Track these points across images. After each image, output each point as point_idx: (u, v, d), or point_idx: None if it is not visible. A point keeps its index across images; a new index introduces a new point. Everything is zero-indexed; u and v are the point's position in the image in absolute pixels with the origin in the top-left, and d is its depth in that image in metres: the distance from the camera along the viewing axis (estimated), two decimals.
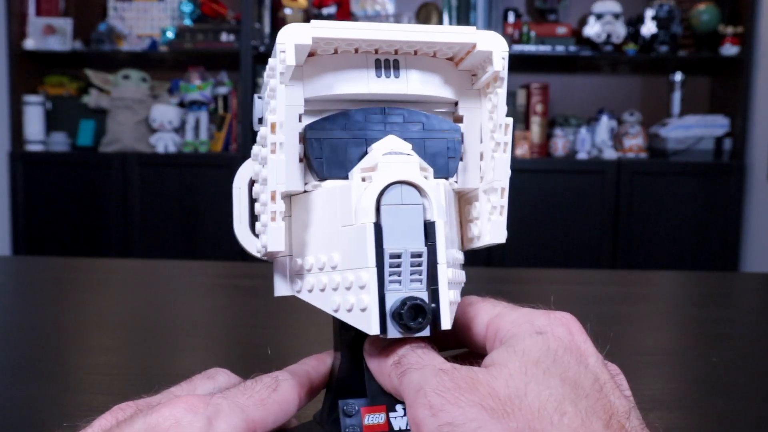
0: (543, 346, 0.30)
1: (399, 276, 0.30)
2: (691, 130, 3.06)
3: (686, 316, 0.88)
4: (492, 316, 0.33)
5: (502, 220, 0.34)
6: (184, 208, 3.06)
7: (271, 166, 0.31)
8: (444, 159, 0.34)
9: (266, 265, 0.36)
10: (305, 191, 0.33)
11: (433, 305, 0.30)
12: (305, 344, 0.67)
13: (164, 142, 3.13)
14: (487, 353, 0.31)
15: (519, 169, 2.98)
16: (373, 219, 0.30)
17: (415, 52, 0.33)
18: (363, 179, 0.31)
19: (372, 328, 0.29)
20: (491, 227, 0.34)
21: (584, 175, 3.01)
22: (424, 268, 0.30)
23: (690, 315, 0.89)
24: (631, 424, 0.28)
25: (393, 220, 0.30)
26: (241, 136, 3.10)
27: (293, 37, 0.30)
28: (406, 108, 0.33)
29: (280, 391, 0.33)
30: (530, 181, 2.95)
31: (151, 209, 3.08)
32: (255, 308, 0.84)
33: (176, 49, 3.14)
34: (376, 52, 0.33)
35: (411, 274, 0.30)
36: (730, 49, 2.99)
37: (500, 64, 0.32)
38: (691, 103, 3.22)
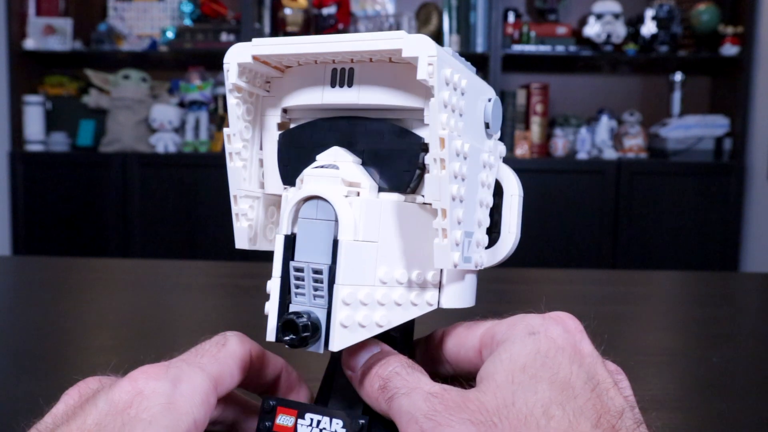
0: (532, 349, 0.29)
1: (303, 290, 0.30)
2: (691, 130, 3.06)
3: (686, 316, 0.88)
4: (484, 328, 0.33)
5: (444, 244, 0.30)
6: (184, 208, 3.06)
7: (229, 173, 0.34)
8: (397, 171, 0.32)
9: (266, 265, 0.36)
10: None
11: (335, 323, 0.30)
12: None
13: (164, 142, 3.13)
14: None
15: (519, 169, 2.93)
16: (287, 231, 0.31)
17: (371, 60, 0.32)
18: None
19: (267, 335, 0.30)
20: (435, 252, 0.31)
21: (584, 175, 3.01)
22: (324, 285, 0.30)
23: (690, 315, 0.89)
24: (623, 424, 0.28)
25: (305, 234, 0.31)
26: None
27: (235, 57, 0.33)
28: (370, 118, 0.32)
29: (230, 345, 0.33)
30: (530, 181, 2.94)
31: (151, 209, 3.08)
32: (255, 308, 0.84)
33: (176, 49, 3.14)
34: (334, 62, 0.33)
35: (314, 290, 0.30)
36: (730, 49, 2.99)
37: (424, 71, 0.29)
38: (691, 103, 3.22)
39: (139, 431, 0.28)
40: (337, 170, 0.31)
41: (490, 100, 0.34)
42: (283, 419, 0.33)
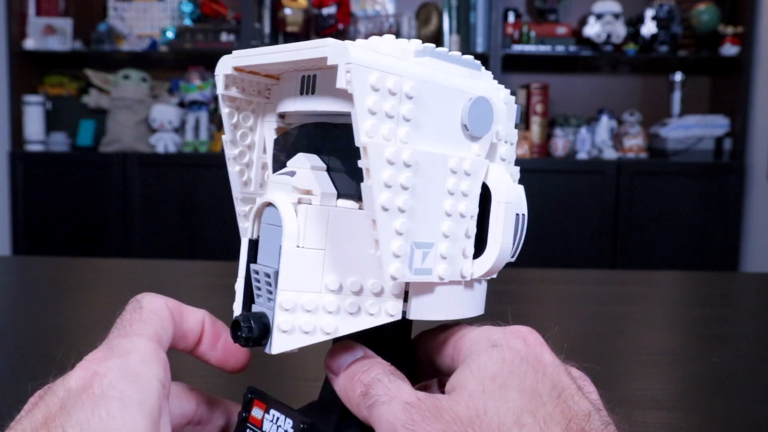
0: (498, 359, 0.30)
1: (261, 292, 0.32)
2: (691, 130, 3.06)
3: (686, 316, 0.88)
4: (456, 338, 0.33)
5: (377, 255, 0.30)
6: (184, 208, 3.06)
7: (230, 176, 0.36)
8: (350, 178, 0.32)
9: None
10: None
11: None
12: None
13: (164, 142, 3.13)
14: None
15: (519, 169, 2.97)
16: (251, 235, 0.33)
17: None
18: None
19: (230, 334, 0.32)
20: (376, 262, 0.30)
21: (584, 175, 3.01)
22: (273, 288, 0.31)
23: (690, 315, 0.89)
24: (591, 426, 0.28)
25: (265, 238, 0.32)
26: None
27: (221, 69, 0.34)
28: (335, 124, 0.33)
29: (146, 304, 0.34)
30: (530, 181, 2.94)
31: (151, 209, 3.08)
32: None
33: (176, 49, 3.14)
34: (305, 70, 0.33)
35: (268, 293, 0.31)
36: (730, 49, 2.99)
37: (342, 79, 0.28)
38: (691, 103, 3.22)
39: (115, 409, 0.28)
40: (290, 177, 0.32)
41: (471, 100, 0.32)
42: (256, 411, 0.34)
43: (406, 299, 0.32)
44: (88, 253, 3.06)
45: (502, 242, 0.32)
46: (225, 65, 0.34)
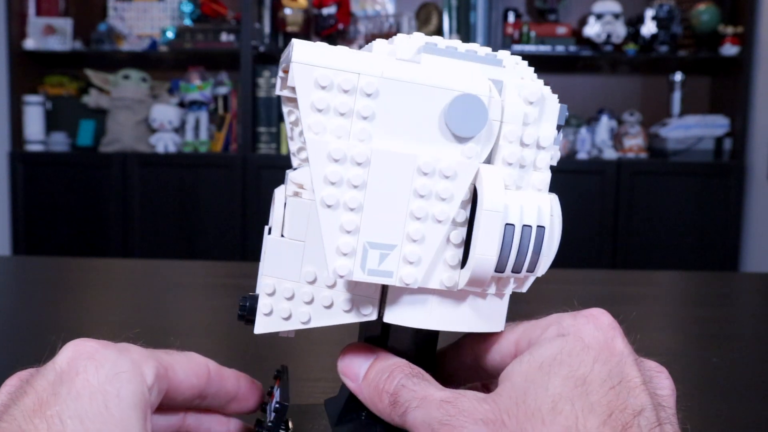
0: (556, 350, 0.29)
1: None
2: (691, 130, 3.06)
3: (686, 316, 0.88)
4: (519, 333, 0.32)
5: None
6: (184, 208, 3.06)
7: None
8: None
9: None
10: None
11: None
12: (305, 343, 0.67)
13: (164, 142, 3.13)
14: None
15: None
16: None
17: None
18: None
19: None
20: None
21: (584, 175, 3.01)
22: None
23: (690, 315, 0.89)
24: (638, 422, 0.27)
25: None
26: (241, 137, 3.10)
27: (280, 71, 0.36)
28: None
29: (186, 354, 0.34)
30: None
31: (151, 209, 3.08)
32: None
33: (176, 49, 3.14)
34: None
35: None
36: (730, 49, 2.99)
37: (291, 77, 0.29)
38: (691, 103, 3.22)
39: (112, 405, 0.27)
40: (293, 171, 0.33)
41: (453, 98, 0.30)
42: (275, 388, 0.37)
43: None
44: (88, 253, 3.06)
45: (479, 253, 0.29)
46: (282, 67, 0.35)
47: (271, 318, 0.32)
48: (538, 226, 0.30)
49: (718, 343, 0.73)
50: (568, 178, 3.00)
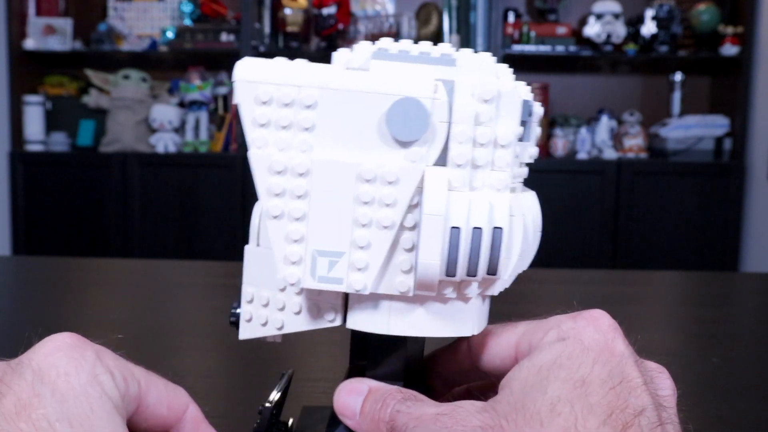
0: (555, 354, 0.29)
1: None
2: (691, 130, 3.06)
3: (686, 316, 0.88)
4: (519, 335, 0.32)
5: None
6: (184, 208, 3.06)
7: None
8: None
9: None
10: None
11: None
12: (305, 343, 0.67)
13: (164, 142, 3.13)
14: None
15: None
16: None
17: None
18: None
19: None
20: None
21: (584, 175, 3.01)
22: None
23: (690, 315, 0.89)
24: (639, 422, 0.27)
25: None
26: (241, 137, 3.10)
27: None
28: None
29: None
30: (530, 181, 2.93)
31: (151, 209, 3.08)
32: None
33: (176, 49, 3.14)
34: None
35: None
36: (730, 49, 2.99)
37: (236, 97, 0.30)
38: (691, 103, 3.22)
39: (98, 407, 0.27)
40: None
41: (391, 103, 0.29)
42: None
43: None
44: (88, 253, 3.06)
45: (422, 257, 0.29)
46: None
47: (251, 324, 0.34)
48: (494, 228, 0.29)
49: (718, 343, 0.73)
50: (568, 178, 3.00)
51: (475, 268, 0.29)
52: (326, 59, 0.32)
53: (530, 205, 0.33)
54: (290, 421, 0.38)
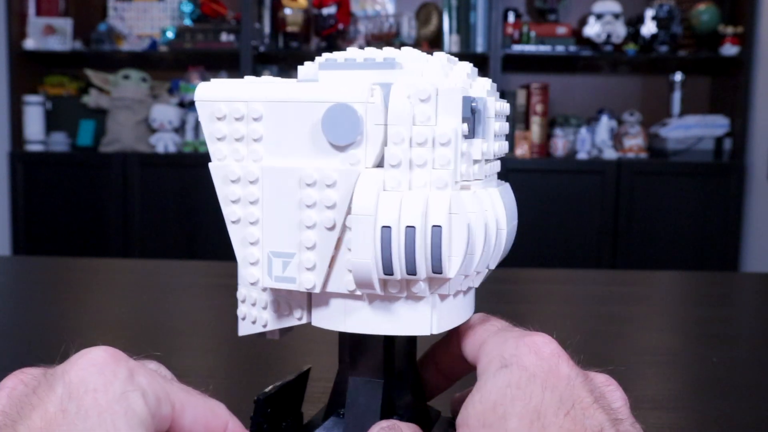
0: (503, 383, 0.29)
1: None
2: (691, 130, 3.06)
3: (686, 316, 0.88)
4: (479, 343, 0.33)
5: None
6: (184, 208, 3.06)
7: None
8: None
9: None
10: None
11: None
12: (305, 343, 0.67)
13: (164, 142, 3.13)
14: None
15: (519, 169, 2.98)
16: None
17: None
18: None
19: None
20: None
21: (584, 175, 3.01)
22: None
23: (690, 315, 0.89)
24: None
25: None
26: None
27: None
28: None
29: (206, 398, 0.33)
30: (530, 181, 2.94)
31: (151, 209, 3.08)
32: None
33: (176, 49, 3.14)
34: None
35: None
36: (730, 49, 2.99)
37: (198, 116, 0.35)
38: (691, 103, 3.22)
39: (121, 425, 0.27)
40: None
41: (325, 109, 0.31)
42: None
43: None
44: (88, 253, 3.06)
45: (355, 257, 0.30)
46: None
47: (245, 322, 0.36)
48: (433, 226, 0.29)
49: (718, 343, 0.73)
50: (568, 178, 3.00)
51: (413, 267, 0.29)
52: None
53: (493, 201, 0.32)
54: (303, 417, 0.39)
